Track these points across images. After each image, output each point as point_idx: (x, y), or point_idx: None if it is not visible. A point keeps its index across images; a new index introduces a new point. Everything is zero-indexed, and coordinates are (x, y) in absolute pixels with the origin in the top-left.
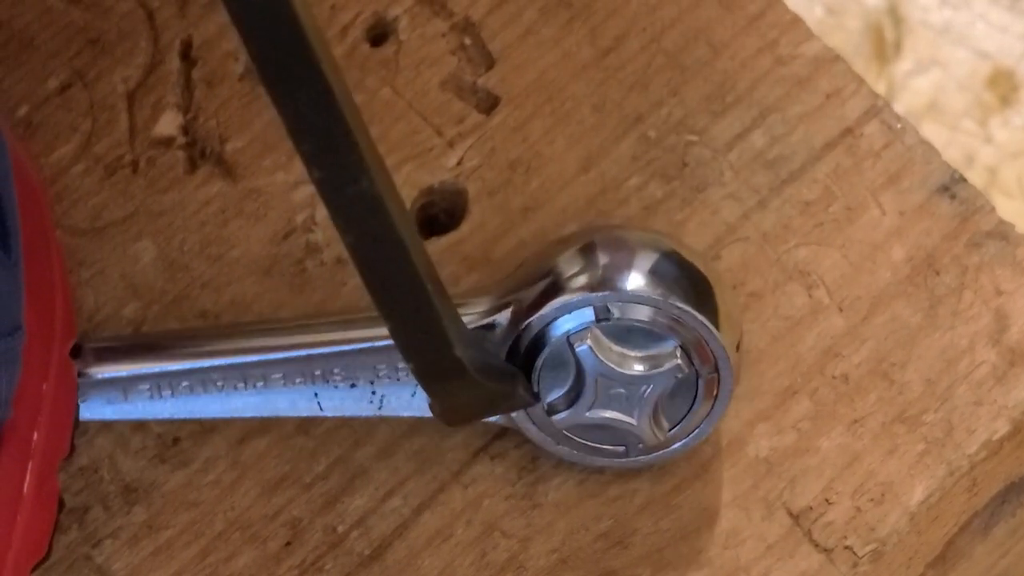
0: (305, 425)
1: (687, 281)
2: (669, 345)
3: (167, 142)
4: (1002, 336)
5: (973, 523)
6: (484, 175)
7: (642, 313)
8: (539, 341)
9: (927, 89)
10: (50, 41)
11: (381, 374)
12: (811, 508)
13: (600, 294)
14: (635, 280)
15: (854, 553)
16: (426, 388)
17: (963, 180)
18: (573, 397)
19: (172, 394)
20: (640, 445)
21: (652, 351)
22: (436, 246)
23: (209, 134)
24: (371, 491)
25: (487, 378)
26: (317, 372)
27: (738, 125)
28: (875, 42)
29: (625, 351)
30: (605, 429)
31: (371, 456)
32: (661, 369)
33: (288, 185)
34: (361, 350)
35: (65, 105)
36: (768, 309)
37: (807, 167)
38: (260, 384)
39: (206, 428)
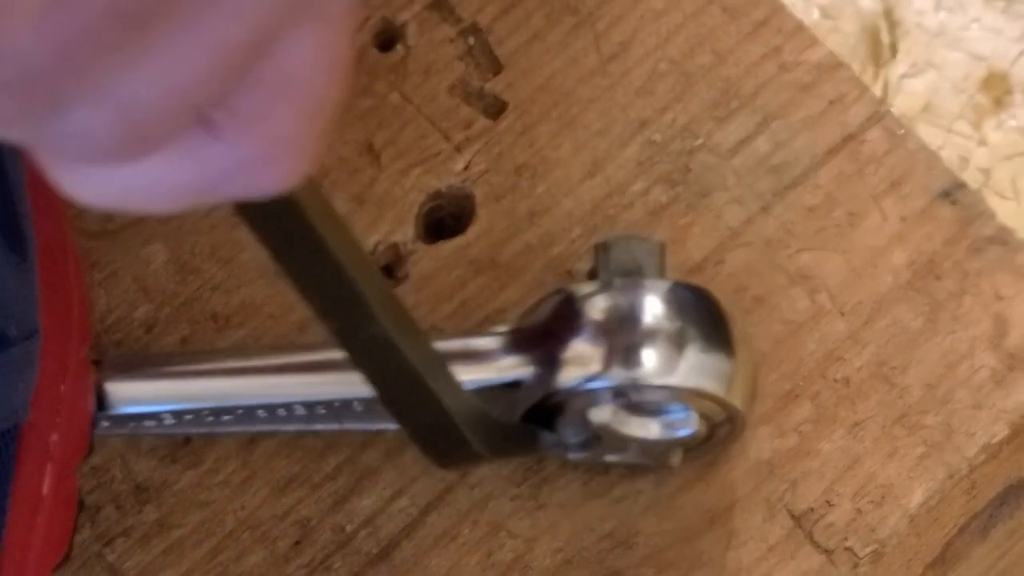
0: None
1: (708, 351)
2: (686, 411)
3: None
4: (1002, 341)
5: (972, 525)
6: (491, 179)
7: (660, 394)
8: (559, 407)
9: (922, 91)
10: None
11: None
12: (812, 510)
13: (619, 383)
14: (653, 368)
15: (854, 554)
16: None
17: (964, 186)
18: (590, 444)
19: (193, 419)
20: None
21: (668, 417)
22: (443, 250)
23: None
24: (379, 491)
25: (503, 455)
26: (337, 404)
27: (742, 131)
28: (871, 45)
29: (643, 419)
30: None
31: (379, 457)
32: (677, 434)
33: None
34: None
35: None
36: (770, 313)
37: (810, 173)
38: (282, 412)
39: None
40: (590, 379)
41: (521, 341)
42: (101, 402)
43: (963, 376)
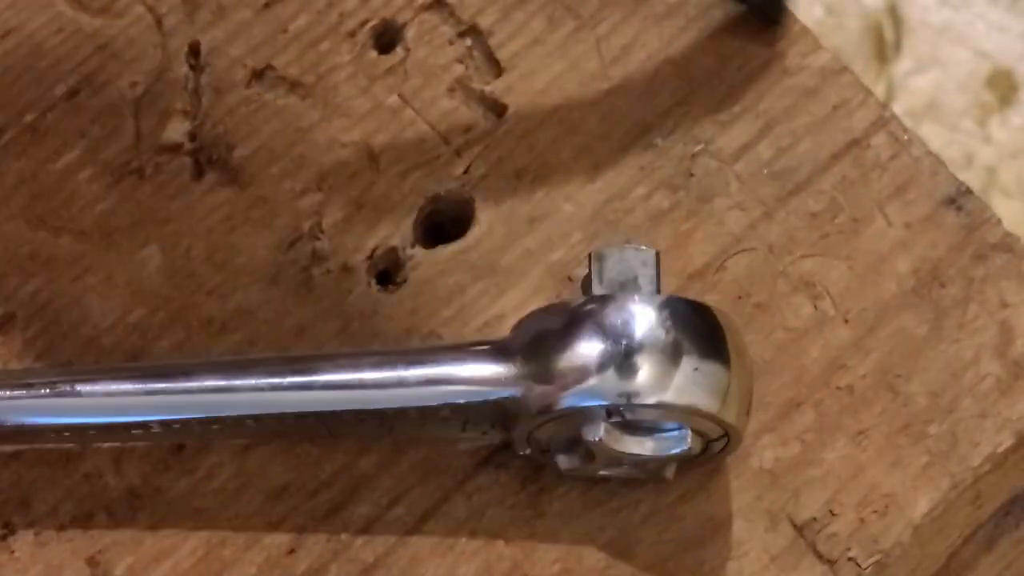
0: None
1: (703, 368)
2: (680, 427)
3: (174, 148)
4: (1007, 349)
5: (977, 535)
6: (491, 184)
7: (655, 413)
8: (553, 423)
9: (927, 89)
10: (59, 47)
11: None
12: (815, 519)
13: (612, 403)
14: (648, 387)
15: (858, 565)
16: None
17: (969, 192)
18: (585, 459)
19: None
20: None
21: (663, 434)
22: (442, 254)
23: (216, 141)
24: (375, 499)
25: None
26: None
27: (745, 135)
28: (875, 42)
29: (637, 437)
30: None
31: (375, 464)
32: (672, 451)
33: (295, 193)
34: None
35: (73, 111)
36: (773, 320)
37: (813, 178)
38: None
39: None
40: (583, 397)
41: (513, 356)
42: None
43: (968, 384)
